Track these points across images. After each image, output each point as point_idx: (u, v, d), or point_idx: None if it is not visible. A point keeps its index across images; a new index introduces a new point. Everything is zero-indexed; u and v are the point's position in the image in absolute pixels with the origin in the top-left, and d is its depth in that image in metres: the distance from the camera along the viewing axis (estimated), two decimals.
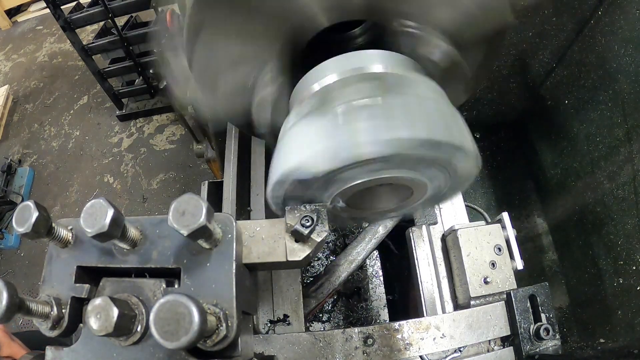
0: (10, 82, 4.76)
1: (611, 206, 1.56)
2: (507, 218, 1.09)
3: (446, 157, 0.71)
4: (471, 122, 0.74)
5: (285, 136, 0.79)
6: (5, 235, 3.44)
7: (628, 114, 1.47)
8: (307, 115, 0.76)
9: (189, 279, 0.64)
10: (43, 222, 0.60)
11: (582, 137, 1.73)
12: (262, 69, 0.91)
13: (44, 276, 0.68)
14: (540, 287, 1.02)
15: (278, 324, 1.10)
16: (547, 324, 0.97)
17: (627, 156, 1.47)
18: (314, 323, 2.22)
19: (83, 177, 3.75)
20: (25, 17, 5.70)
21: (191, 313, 0.48)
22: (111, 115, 4.06)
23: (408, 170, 0.74)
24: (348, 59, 0.83)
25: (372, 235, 1.29)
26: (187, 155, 3.57)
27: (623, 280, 1.50)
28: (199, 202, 0.56)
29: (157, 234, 0.67)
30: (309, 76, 0.86)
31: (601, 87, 1.60)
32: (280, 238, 0.75)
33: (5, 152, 4.06)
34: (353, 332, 0.97)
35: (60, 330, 0.65)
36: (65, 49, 4.90)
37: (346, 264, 1.27)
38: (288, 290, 1.14)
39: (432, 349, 0.97)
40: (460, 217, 1.23)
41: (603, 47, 1.56)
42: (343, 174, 0.72)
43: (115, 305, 0.55)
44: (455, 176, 0.78)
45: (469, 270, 1.04)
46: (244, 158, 1.42)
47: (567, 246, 1.89)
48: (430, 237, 1.19)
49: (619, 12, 1.46)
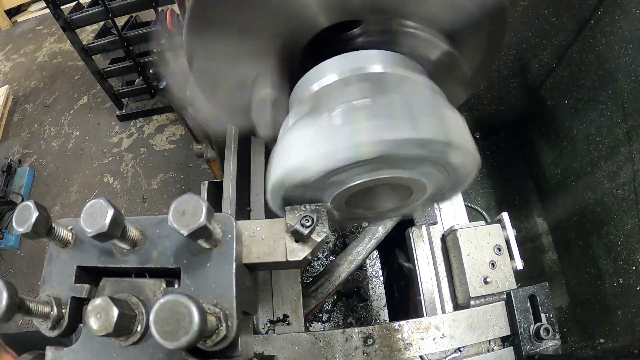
0: (10, 82, 4.76)
1: (611, 206, 1.56)
2: (506, 218, 1.09)
3: (438, 155, 0.70)
4: (471, 122, 0.74)
5: (282, 138, 0.79)
6: (5, 235, 3.44)
7: (628, 114, 1.47)
8: (303, 117, 0.77)
9: (189, 279, 0.64)
10: (43, 222, 0.60)
11: (581, 137, 1.73)
12: (262, 69, 0.91)
13: (44, 276, 0.68)
14: (540, 287, 1.02)
15: (278, 324, 1.10)
16: (547, 324, 0.97)
17: (627, 156, 1.47)
18: (313, 323, 2.22)
19: (83, 177, 3.75)
20: (25, 17, 5.70)
21: (191, 313, 0.48)
22: (111, 115, 4.06)
23: (403, 170, 0.74)
24: (347, 59, 0.83)
25: (372, 235, 1.29)
26: (187, 155, 3.57)
27: (623, 280, 1.49)
28: (199, 202, 0.56)
29: (157, 234, 0.67)
30: (309, 76, 0.86)
31: (601, 87, 1.59)
32: (280, 238, 0.75)
33: (5, 152, 4.06)
34: (353, 332, 0.97)
35: (60, 330, 0.65)
36: (65, 49, 4.89)
37: (346, 264, 1.27)
38: (288, 291, 1.14)
39: (432, 349, 0.97)
40: (460, 217, 1.23)
41: (603, 47, 1.56)
42: (335, 177, 0.72)
43: (115, 305, 0.55)
44: (454, 174, 0.77)
45: (468, 270, 1.04)
46: (243, 158, 1.42)
47: (567, 246, 1.89)
48: (430, 237, 1.19)
49: (619, 12, 1.46)
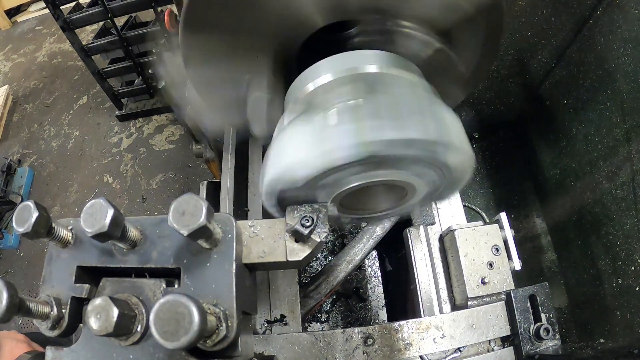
0: (10, 82, 4.75)
1: (610, 206, 1.56)
2: (505, 218, 1.09)
3: (429, 154, 0.70)
4: (470, 122, 0.74)
5: (277, 138, 0.79)
6: (5, 235, 3.43)
7: (627, 114, 1.47)
8: (296, 119, 0.77)
9: (189, 279, 0.64)
10: (43, 222, 0.60)
11: (581, 137, 1.73)
12: (257, 68, 0.91)
13: (44, 276, 0.68)
14: (540, 287, 1.01)
15: (275, 324, 1.10)
16: (547, 324, 0.97)
17: (626, 156, 1.47)
18: (312, 323, 2.22)
19: (82, 177, 3.75)
20: (25, 17, 5.69)
21: (191, 313, 0.48)
22: (110, 115, 4.06)
23: (397, 171, 0.74)
24: (342, 59, 0.83)
25: (370, 236, 1.29)
26: (187, 156, 3.57)
27: (622, 280, 1.50)
28: (199, 202, 0.56)
29: (157, 234, 0.67)
30: (304, 76, 0.86)
31: (600, 87, 1.60)
32: (280, 238, 0.75)
33: (5, 152, 4.05)
34: (353, 332, 0.97)
35: (60, 330, 0.65)
36: (64, 49, 4.89)
37: (344, 264, 1.27)
38: (285, 291, 1.14)
39: (432, 349, 0.97)
40: (458, 217, 1.24)
41: (602, 46, 1.56)
42: (329, 177, 0.73)
43: (115, 305, 0.55)
44: (449, 174, 0.77)
45: (466, 270, 1.04)
46: (241, 158, 1.42)
47: (566, 246, 1.89)
48: (427, 238, 1.19)
49: (618, 11, 1.46)
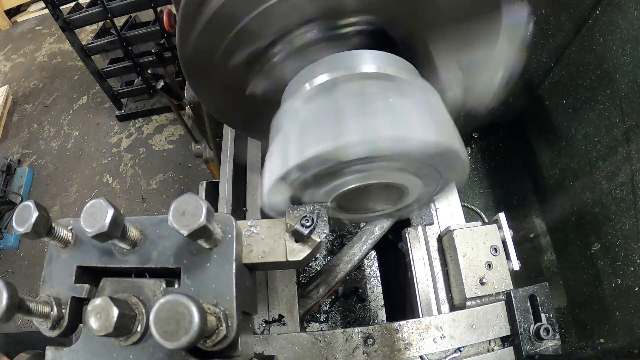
0: (9, 82, 4.75)
1: (609, 206, 1.56)
2: (503, 219, 1.09)
3: (422, 154, 0.71)
4: (469, 122, 0.74)
5: (274, 138, 0.80)
6: (5, 235, 3.43)
7: (626, 114, 1.47)
8: (292, 119, 0.77)
9: (189, 279, 0.64)
10: (43, 222, 0.60)
11: (580, 137, 1.73)
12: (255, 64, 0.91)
13: (44, 276, 0.68)
14: (540, 287, 1.02)
15: (273, 324, 1.10)
16: (547, 324, 0.97)
17: (625, 156, 1.47)
18: (311, 323, 2.22)
19: (82, 177, 3.75)
20: (24, 17, 5.69)
21: (191, 313, 0.48)
22: (110, 115, 4.06)
23: (392, 171, 0.75)
24: (340, 58, 0.83)
25: (369, 236, 1.28)
26: (186, 156, 3.57)
27: (621, 280, 1.49)
28: (199, 202, 0.56)
29: (157, 234, 0.68)
30: (301, 74, 0.86)
31: (599, 87, 1.59)
32: (280, 238, 0.75)
33: (5, 152, 4.05)
34: (353, 332, 0.97)
35: (60, 330, 0.65)
36: (64, 49, 4.89)
37: (343, 264, 1.27)
38: (283, 291, 1.14)
39: (432, 349, 0.97)
40: (456, 217, 1.23)
41: (601, 46, 1.56)
42: (327, 176, 0.73)
43: (115, 305, 0.55)
44: (445, 174, 0.79)
45: (464, 271, 1.04)
46: (240, 159, 1.42)
47: (565, 247, 1.89)
48: (426, 238, 1.19)
49: (617, 11, 1.46)
